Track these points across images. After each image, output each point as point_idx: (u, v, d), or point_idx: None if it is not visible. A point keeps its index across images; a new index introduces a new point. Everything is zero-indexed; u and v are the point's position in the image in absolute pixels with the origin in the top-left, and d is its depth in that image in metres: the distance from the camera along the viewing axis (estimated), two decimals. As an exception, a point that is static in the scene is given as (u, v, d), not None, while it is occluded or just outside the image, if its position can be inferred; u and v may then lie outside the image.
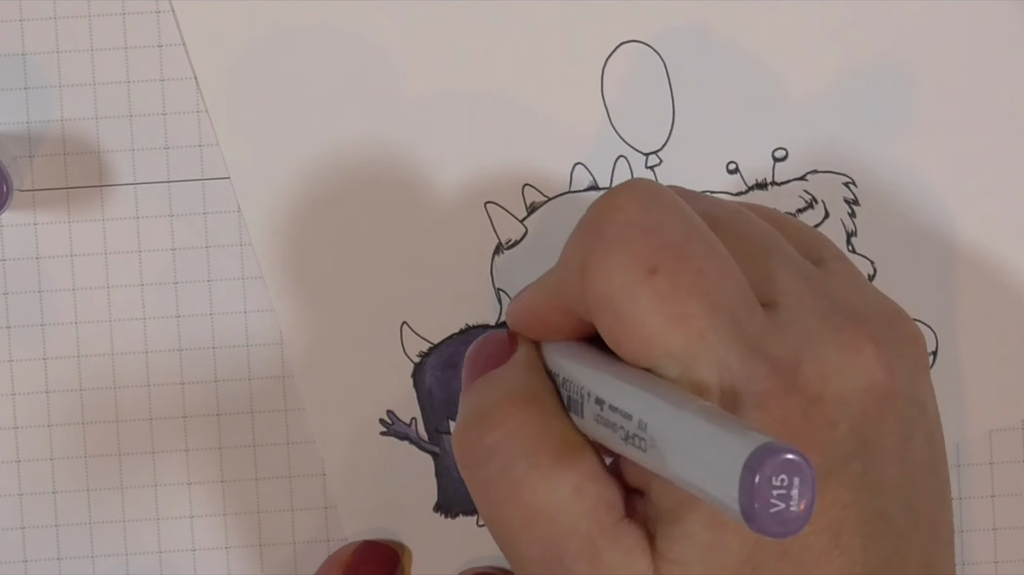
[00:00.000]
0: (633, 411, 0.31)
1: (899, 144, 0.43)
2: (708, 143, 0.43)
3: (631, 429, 0.31)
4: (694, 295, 0.31)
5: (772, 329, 0.32)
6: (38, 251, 0.43)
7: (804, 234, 0.36)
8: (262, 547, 0.43)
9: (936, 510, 0.34)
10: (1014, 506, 0.44)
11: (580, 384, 0.33)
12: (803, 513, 0.27)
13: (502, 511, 0.33)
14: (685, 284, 0.31)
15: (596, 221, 0.33)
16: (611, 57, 0.43)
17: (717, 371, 0.31)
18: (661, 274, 0.31)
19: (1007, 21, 0.43)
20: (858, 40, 0.43)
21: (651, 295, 0.31)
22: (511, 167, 0.43)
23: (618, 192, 0.33)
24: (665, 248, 0.32)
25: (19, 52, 0.43)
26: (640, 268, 0.31)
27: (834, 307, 0.33)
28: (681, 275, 0.31)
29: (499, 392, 0.34)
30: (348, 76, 0.43)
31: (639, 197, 0.33)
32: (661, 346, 0.31)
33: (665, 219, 0.32)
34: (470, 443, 0.34)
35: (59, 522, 0.43)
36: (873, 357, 0.32)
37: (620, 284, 0.32)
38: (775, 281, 0.33)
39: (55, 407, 0.43)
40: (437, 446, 0.43)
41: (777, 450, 0.27)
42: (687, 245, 0.32)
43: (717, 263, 0.32)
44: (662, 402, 0.30)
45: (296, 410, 0.43)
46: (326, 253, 0.43)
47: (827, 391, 0.32)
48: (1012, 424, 0.44)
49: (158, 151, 0.43)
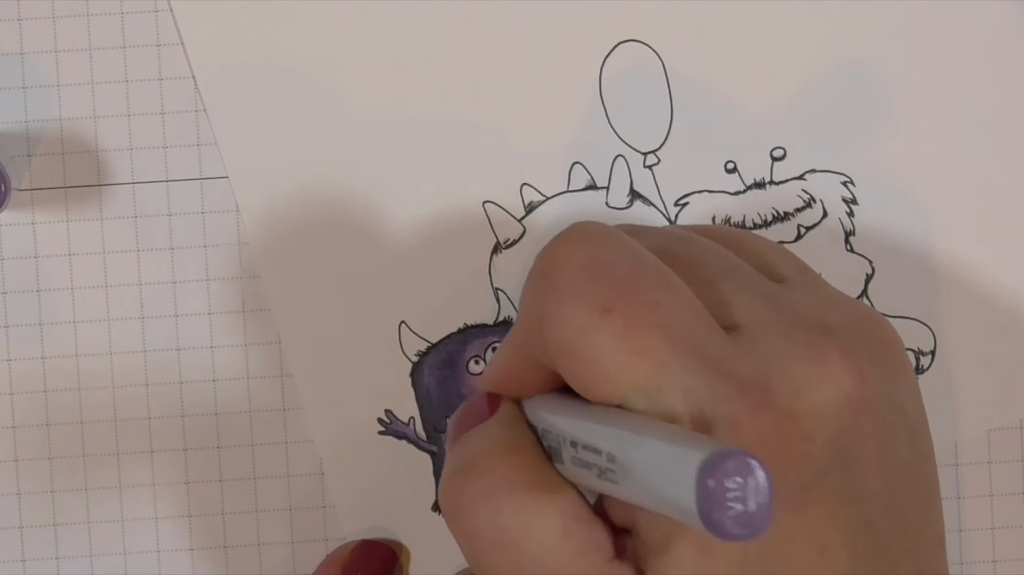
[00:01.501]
0: (601, 446, 0.31)
1: (898, 144, 0.43)
2: (706, 142, 0.43)
3: (602, 464, 0.31)
4: (651, 328, 0.31)
5: (736, 350, 0.32)
6: (36, 250, 0.43)
7: (763, 253, 0.36)
8: (260, 546, 0.43)
9: (924, 511, 0.34)
10: (1012, 505, 0.44)
11: (555, 432, 0.34)
12: (761, 512, 0.27)
13: (491, 558, 0.33)
14: (641, 319, 0.31)
15: (545, 271, 0.33)
16: (609, 57, 0.43)
17: (684, 398, 0.31)
18: (616, 312, 0.31)
19: (1007, 21, 0.43)
20: (857, 39, 0.43)
21: (608, 334, 0.31)
22: (509, 166, 0.43)
23: (564, 238, 0.33)
24: (616, 287, 0.32)
25: (17, 51, 0.43)
26: (594, 310, 0.31)
27: (797, 321, 0.33)
28: (635, 310, 0.31)
29: (483, 443, 0.34)
30: (347, 75, 0.43)
31: (585, 240, 0.33)
32: (625, 382, 0.31)
33: (613, 259, 0.32)
34: (456, 492, 0.34)
35: (57, 521, 0.43)
36: (842, 367, 0.32)
37: (576, 329, 0.32)
38: (733, 303, 0.33)
39: (53, 406, 0.43)
40: (435, 445, 0.43)
41: (727, 454, 0.27)
42: (638, 280, 0.32)
43: (671, 294, 0.32)
44: (626, 432, 0.30)
45: (294, 409, 0.43)
46: (324, 252, 0.43)
47: (799, 406, 0.31)
48: (1010, 423, 0.44)
49: (156, 150, 0.43)
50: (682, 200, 0.43)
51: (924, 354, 0.43)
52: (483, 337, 0.43)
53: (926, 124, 0.43)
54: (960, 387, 0.43)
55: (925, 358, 0.43)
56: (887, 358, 0.34)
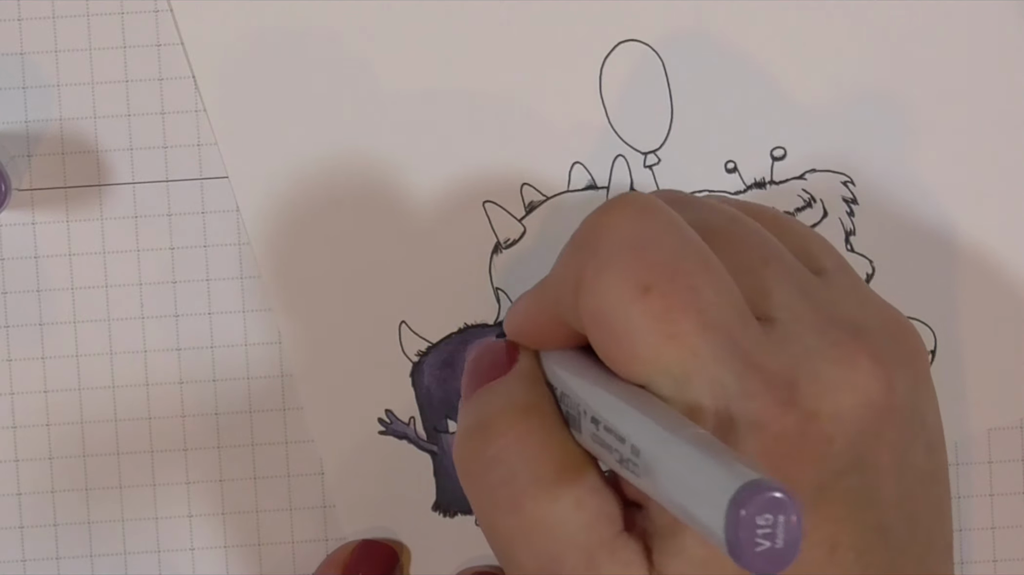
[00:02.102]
0: (627, 434, 0.31)
1: (897, 143, 0.43)
2: (706, 142, 0.43)
3: (625, 453, 0.31)
4: (688, 313, 0.31)
5: (768, 345, 0.32)
6: (36, 250, 0.43)
7: (806, 240, 0.36)
8: (260, 546, 0.43)
9: (935, 520, 0.34)
10: (1012, 505, 0.44)
11: (577, 401, 0.33)
12: (788, 551, 0.27)
13: (501, 522, 0.33)
14: (679, 302, 0.31)
15: (590, 237, 0.33)
16: (609, 56, 0.43)
17: (711, 390, 0.31)
18: (655, 293, 0.31)
19: (1007, 21, 0.43)
20: (856, 39, 0.43)
21: (644, 314, 0.31)
22: (509, 166, 0.43)
23: (612, 207, 0.33)
24: (658, 266, 0.32)
25: (17, 51, 0.43)
26: (634, 287, 0.31)
27: (832, 321, 0.33)
28: (675, 293, 0.31)
29: (501, 403, 0.34)
30: (346, 75, 0.43)
31: (632, 212, 0.33)
32: (655, 365, 0.31)
33: (658, 235, 0.32)
34: (471, 453, 0.34)
35: (57, 521, 0.43)
36: (870, 372, 0.32)
37: (614, 302, 0.32)
38: (772, 295, 0.33)
39: (53, 406, 0.43)
40: (436, 445, 0.43)
41: (763, 488, 0.27)
42: (681, 262, 0.32)
43: (711, 279, 0.32)
44: (655, 426, 0.30)
45: (294, 409, 0.43)
46: (324, 252, 0.43)
47: (823, 407, 0.31)
48: (1010, 423, 0.44)
49: (156, 150, 0.43)
50: (682, 200, 0.43)
51: (924, 354, 0.43)
52: (483, 337, 0.43)
53: (926, 124, 0.43)
54: (960, 387, 0.43)
55: (925, 358, 0.43)
56: (913, 367, 0.34)
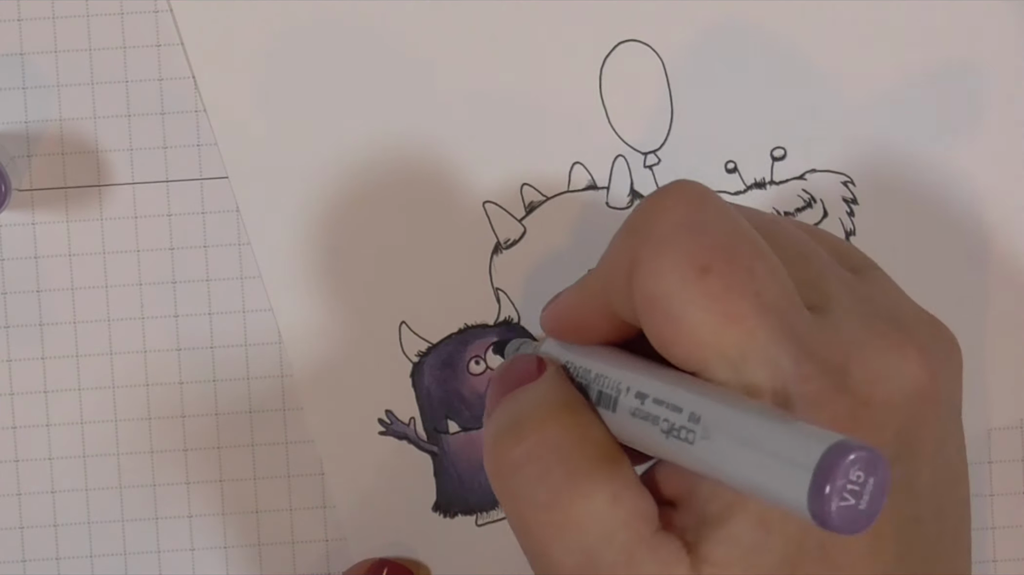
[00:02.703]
0: (683, 404, 0.31)
1: (897, 143, 0.43)
2: (706, 142, 0.43)
3: (678, 422, 0.30)
4: (746, 295, 0.31)
5: (821, 331, 0.32)
6: (36, 251, 0.43)
7: (839, 245, 0.36)
8: (260, 547, 0.43)
9: (960, 518, 0.34)
10: (1012, 505, 0.44)
11: (617, 379, 0.33)
12: (871, 511, 0.27)
13: (536, 519, 0.33)
14: (737, 284, 0.31)
15: (645, 221, 0.33)
16: (609, 56, 0.43)
17: (768, 371, 0.31)
18: (713, 274, 0.31)
19: (1007, 21, 0.43)
20: (856, 39, 0.43)
21: (703, 295, 0.31)
22: (509, 167, 0.43)
23: (666, 192, 0.33)
24: (716, 248, 0.32)
25: (17, 52, 0.43)
26: (691, 267, 0.31)
27: (877, 313, 0.33)
28: (732, 275, 0.31)
29: (534, 401, 0.34)
30: (345, 75, 0.43)
31: (687, 197, 0.33)
32: (712, 345, 0.31)
33: (714, 219, 0.32)
34: (504, 450, 0.33)
35: (57, 522, 0.43)
36: (918, 362, 0.32)
37: (671, 283, 0.31)
38: (820, 285, 0.33)
39: (53, 407, 0.43)
40: (436, 445, 0.43)
41: (853, 447, 0.27)
42: (737, 245, 0.32)
43: (766, 264, 0.32)
44: (715, 400, 0.30)
45: (295, 409, 0.43)
46: (324, 253, 0.43)
47: (875, 394, 0.32)
48: (1010, 423, 0.44)
49: (156, 151, 0.43)
50: (682, 200, 0.43)
51: (924, 354, 0.43)
52: (483, 337, 0.43)
53: (926, 124, 0.43)
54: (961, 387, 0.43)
55: (925, 358, 0.43)
56: (953, 364, 0.34)
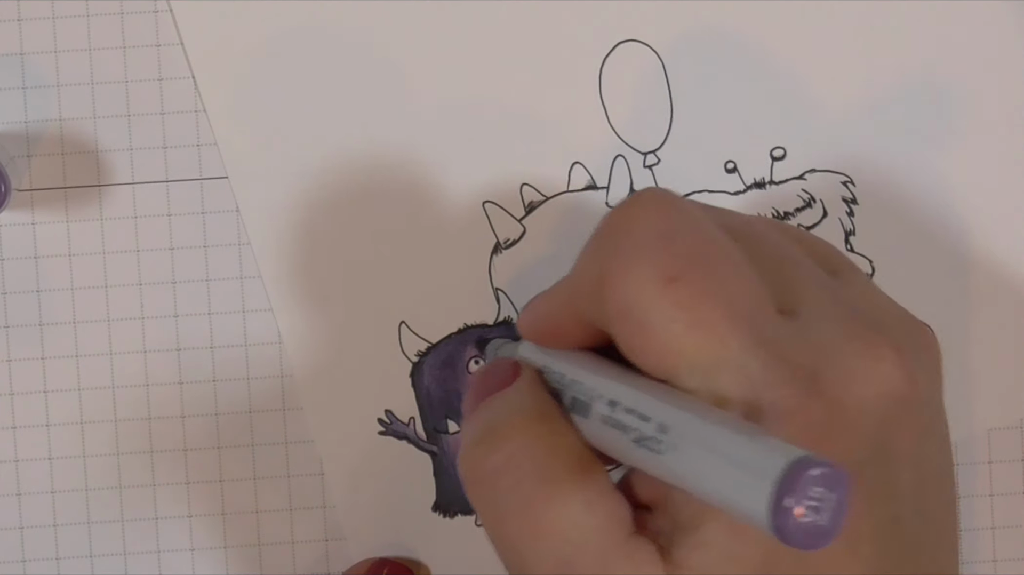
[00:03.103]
0: (653, 413, 0.31)
1: (897, 143, 0.43)
2: (706, 142, 0.43)
3: (647, 431, 0.31)
4: (715, 302, 0.31)
5: (792, 335, 0.32)
6: (36, 251, 0.43)
7: (818, 246, 0.36)
8: (260, 547, 0.43)
9: (945, 517, 0.34)
10: (1012, 505, 0.44)
11: (591, 386, 0.33)
12: (834, 526, 0.27)
13: (511, 527, 0.33)
14: (705, 291, 0.31)
15: (614, 230, 0.33)
16: (609, 57, 0.43)
17: (738, 378, 0.31)
18: (681, 282, 0.31)
19: (1007, 21, 0.43)
20: (856, 39, 0.43)
21: (672, 303, 0.31)
22: (509, 167, 0.43)
23: (635, 201, 0.33)
24: (685, 256, 0.32)
25: (17, 52, 0.43)
26: (660, 276, 0.31)
27: (853, 314, 0.33)
28: (701, 282, 0.31)
29: (507, 409, 0.34)
30: (346, 75, 0.43)
31: (657, 206, 0.33)
32: (682, 354, 0.31)
33: (683, 227, 0.32)
34: (478, 459, 0.34)
35: (57, 522, 0.43)
36: (894, 363, 0.32)
37: (640, 293, 0.32)
38: (794, 288, 0.33)
39: (53, 407, 0.43)
40: (435, 445, 0.43)
41: (815, 463, 0.27)
42: (706, 253, 0.32)
43: (736, 271, 0.32)
44: (683, 410, 0.30)
45: (294, 409, 0.43)
46: (324, 252, 0.43)
47: (848, 397, 0.32)
48: (1010, 423, 0.44)
49: (156, 151, 0.43)
50: (682, 200, 0.43)
51: (924, 354, 0.43)
52: (483, 338, 0.43)
53: (926, 124, 0.43)
54: (961, 387, 0.43)
55: (925, 358, 0.43)
56: (931, 363, 0.34)
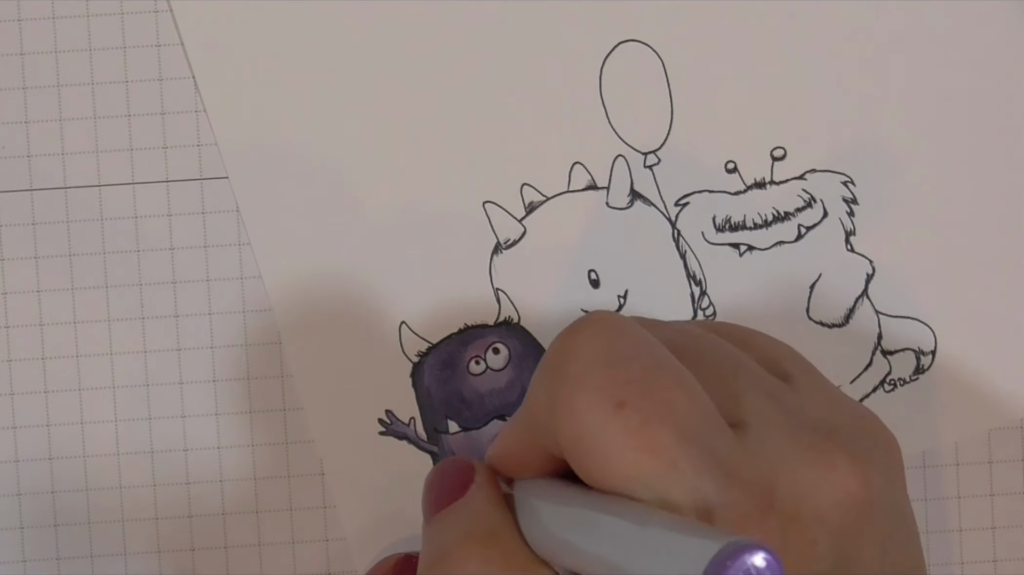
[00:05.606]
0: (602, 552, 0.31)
1: (898, 143, 0.43)
2: (706, 142, 0.43)
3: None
4: (664, 426, 0.31)
5: (743, 452, 0.32)
6: (36, 251, 0.43)
7: (769, 349, 0.36)
8: (261, 547, 0.43)
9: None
10: (1012, 505, 0.44)
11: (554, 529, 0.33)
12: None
13: None
14: (654, 416, 0.31)
15: (560, 359, 0.33)
16: (609, 56, 0.43)
17: (692, 501, 0.31)
18: (629, 408, 0.31)
19: (1007, 21, 0.43)
20: (857, 39, 0.43)
21: (621, 430, 0.31)
22: (509, 166, 0.43)
23: (579, 328, 0.33)
24: (631, 382, 0.32)
25: (17, 52, 0.43)
26: (607, 404, 0.31)
27: (803, 423, 0.33)
28: (649, 407, 0.31)
29: (458, 531, 0.34)
30: (345, 75, 0.43)
31: (600, 330, 0.33)
32: (636, 479, 0.31)
33: (629, 352, 0.32)
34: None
35: (57, 521, 0.43)
36: (847, 469, 0.32)
37: (590, 422, 0.31)
38: (742, 402, 0.33)
39: (53, 407, 0.43)
40: (436, 445, 0.43)
41: (744, 547, 0.27)
42: (653, 376, 0.32)
43: (684, 392, 0.32)
44: (627, 522, 0.30)
45: (295, 410, 0.43)
46: (325, 253, 0.43)
47: (803, 510, 0.31)
48: (1010, 423, 0.44)
49: (156, 151, 0.43)
50: (682, 200, 0.43)
51: (924, 354, 0.43)
52: (483, 337, 0.43)
53: (927, 123, 0.43)
54: (960, 387, 0.43)
55: (925, 358, 0.43)
56: (888, 461, 0.34)
